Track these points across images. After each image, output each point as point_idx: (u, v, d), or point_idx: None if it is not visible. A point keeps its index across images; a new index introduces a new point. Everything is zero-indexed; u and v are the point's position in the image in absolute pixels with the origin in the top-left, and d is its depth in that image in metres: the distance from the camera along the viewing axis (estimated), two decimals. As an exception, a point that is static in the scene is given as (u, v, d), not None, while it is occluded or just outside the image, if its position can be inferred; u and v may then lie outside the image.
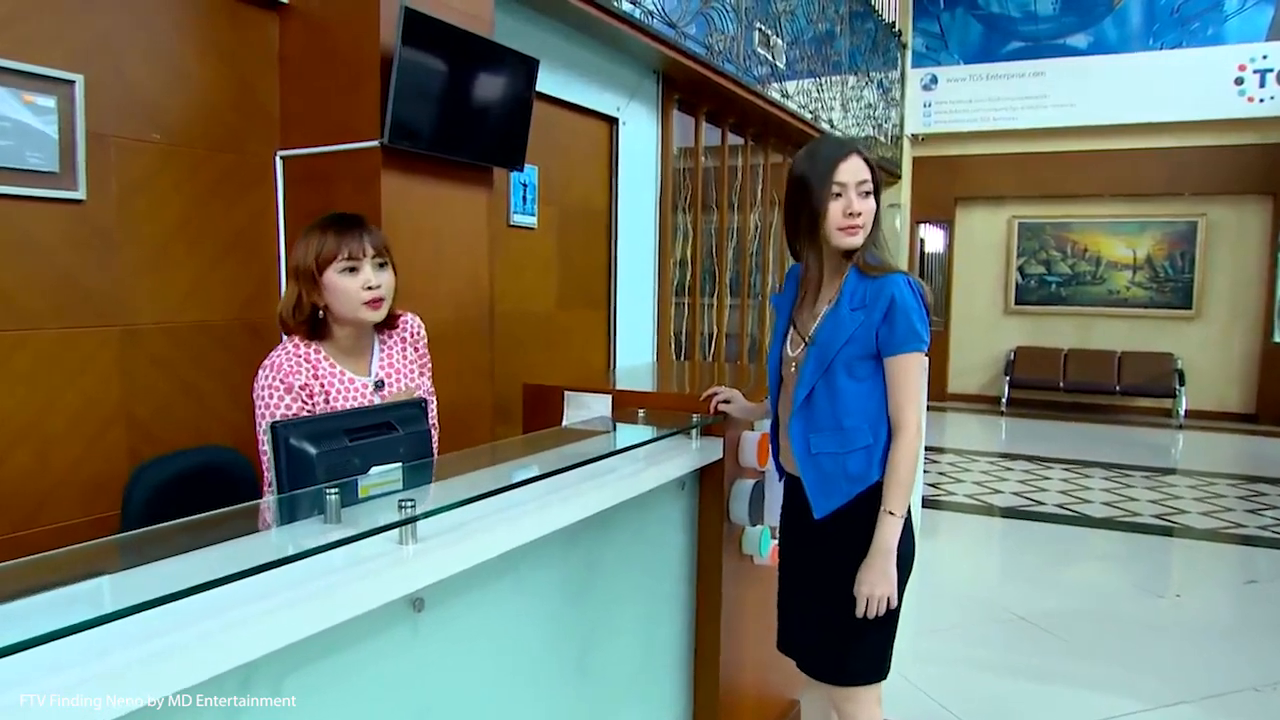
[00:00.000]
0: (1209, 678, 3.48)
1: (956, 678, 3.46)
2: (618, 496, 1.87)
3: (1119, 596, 4.60)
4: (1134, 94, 9.90)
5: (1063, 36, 10.42)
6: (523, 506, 1.56)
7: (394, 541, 1.29)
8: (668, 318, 5.74)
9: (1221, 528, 5.71)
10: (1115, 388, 10.40)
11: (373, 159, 2.91)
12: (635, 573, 2.13)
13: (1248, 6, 9.79)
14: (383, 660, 1.29)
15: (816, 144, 2.02)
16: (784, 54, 6.45)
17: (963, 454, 7.94)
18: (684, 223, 5.93)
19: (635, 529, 2.08)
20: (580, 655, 1.87)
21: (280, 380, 1.84)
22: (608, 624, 1.99)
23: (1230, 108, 9.66)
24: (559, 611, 1.77)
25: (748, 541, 2.47)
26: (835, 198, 1.89)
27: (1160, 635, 3.96)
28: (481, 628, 1.51)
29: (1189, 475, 7.40)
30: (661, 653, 2.28)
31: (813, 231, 1.91)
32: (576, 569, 1.83)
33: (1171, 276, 10.55)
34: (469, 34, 3.03)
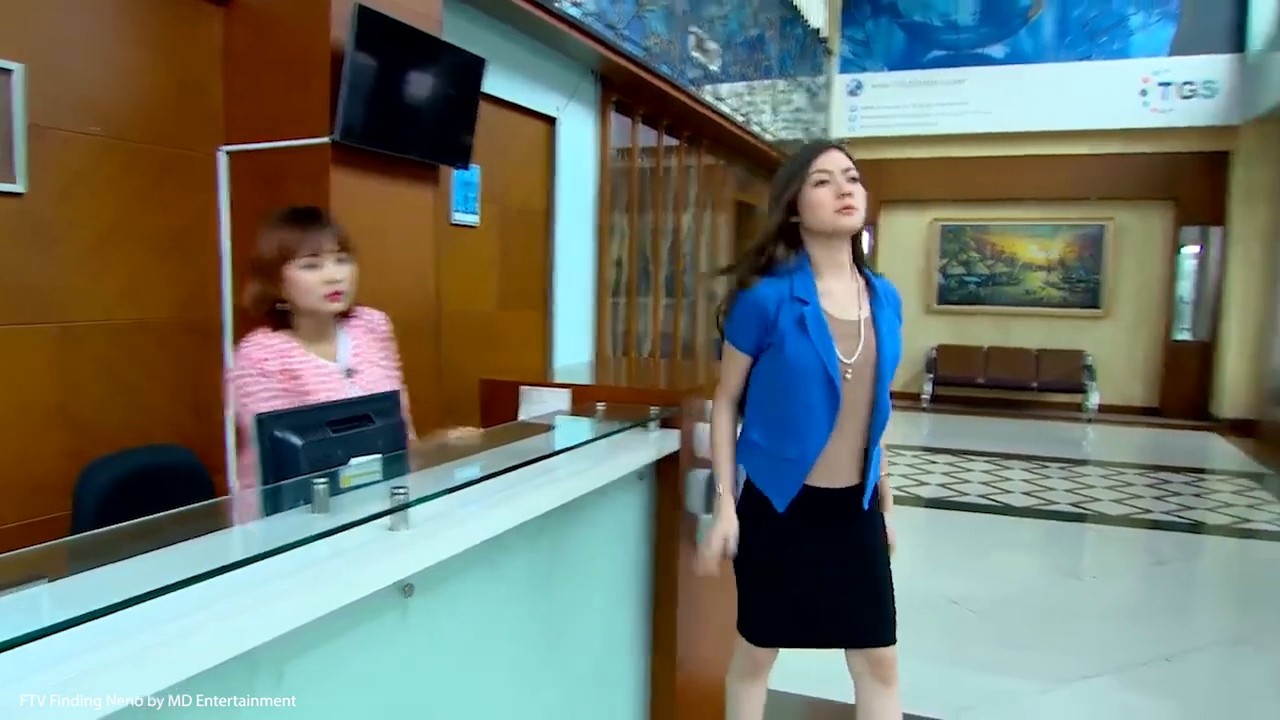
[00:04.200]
0: (1124, 651, 3.69)
1: (894, 661, 3.59)
2: (582, 488, 1.91)
3: (1040, 580, 4.83)
4: (1048, 103, 10.35)
5: (982, 46, 10.83)
6: (501, 495, 1.61)
7: (386, 528, 1.33)
8: (605, 317, 5.79)
9: (1131, 514, 6.03)
10: (1033, 384, 10.82)
11: (322, 155, 2.91)
12: (598, 561, 2.18)
13: (1151, 23, 10.31)
14: (375, 646, 1.32)
15: (799, 151, 2.09)
16: (718, 58, 6.56)
17: (889, 449, 8.11)
18: (621, 223, 5.99)
19: (597, 519, 2.13)
20: (548, 641, 1.91)
21: (255, 368, 1.85)
22: (573, 611, 2.04)
23: (1135, 118, 10.16)
24: (529, 599, 1.82)
25: (702, 531, 2.54)
26: (822, 185, 1.97)
27: (1078, 614, 4.17)
28: (462, 614, 1.55)
29: (1101, 465, 7.77)
30: (622, 638, 2.34)
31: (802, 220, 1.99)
32: (543, 558, 1.87)
33: (1082, 278, 11.03)
34: (420, 33, 3.05)
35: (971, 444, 8.47)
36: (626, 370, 4.08)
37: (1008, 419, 10.39)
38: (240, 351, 1.90)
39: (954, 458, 7.82)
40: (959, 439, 8.85)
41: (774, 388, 2.01)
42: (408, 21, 3.00)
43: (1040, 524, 5.83)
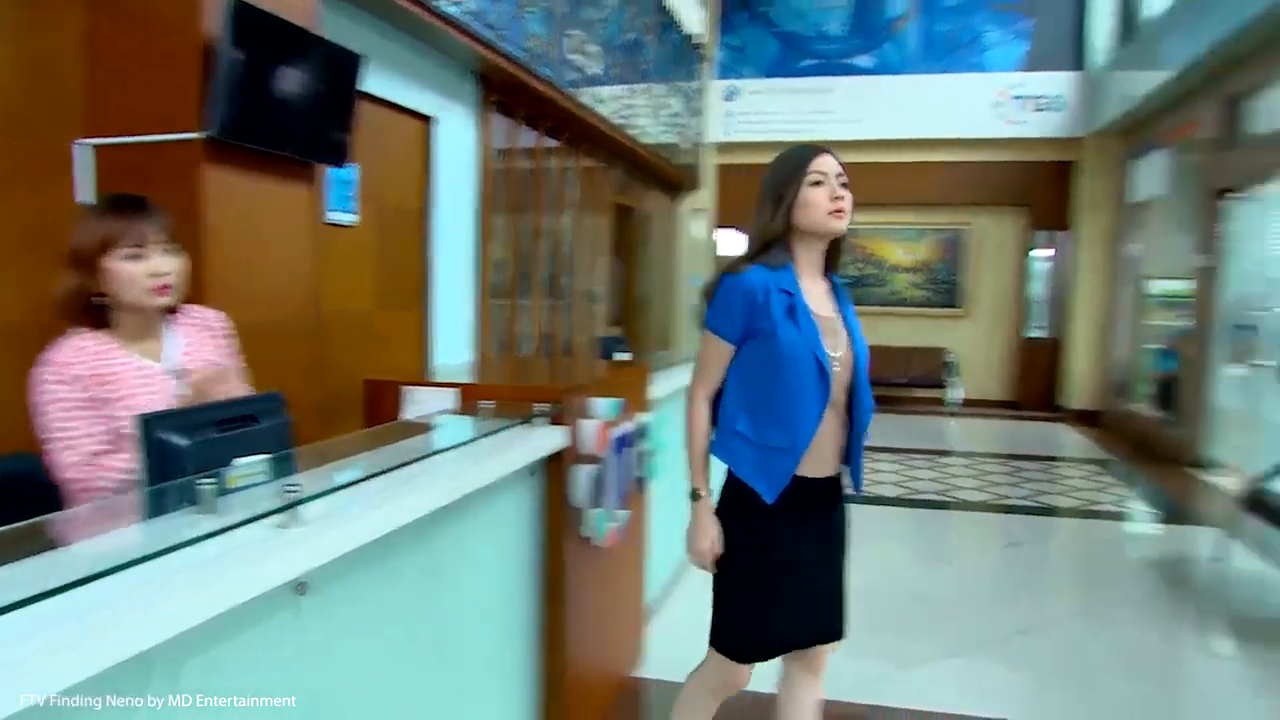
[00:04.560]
0: (982, 629, 3.93)
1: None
2: (470, 485, 1.93)
3: (906, 566, 5.09)
4: (912, 112, 10.87)
5: (850, 56, 11.29)
6: (390, 493, 1.61)
7: (277, 527, 1.32)
8: (487, 318, 5.77)
9: (990, 500, 6.41)
10: (900, 380, 11.31)
11: (193, 151, 2.82)
12: (489, 558, 2.20)
13: (1005, 40, 10.98)
14: (270, 646, 1.31)
15: (792, 149, 2.15)
16: (598, 61, 6.62)
17: (766, 445, 8.39)
18: (502, 224, 5.97)
19: (487, 516, 2.15)
20: (440, 638, 1.92)
21: (54, 372, 1.75)
22: (464, 607, 2.05)
23: (991, 128, 10.79)
24: (421, 596, 1.82)
25: (587, 524, 2.59)
26: (817, 185, 2.04)
27: (940, 598, 4.42)
28: (355, 614, 1.55)
29: (963, 456, 8.21)
30: (513, 632, 2.36)
31: (787, 220, 2.06)
32: (434, 556, 1.88)
33: (945, 279, 11.61)
34: (296, 27, 2.99)
35: (844, 439, 8.79)
36: (510, 370, 4.10)
37: (878, 414, 10.76)
38: (46, 355, 1.79)
39: (827, 452, 8.09)
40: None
41: (763, 376, 2.01)
42: (283, 15, 2.94)
43: (908, 512, 6.12)
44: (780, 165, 2.10)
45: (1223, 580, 4.82)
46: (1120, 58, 9.82)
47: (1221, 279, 7.66)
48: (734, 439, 2.05)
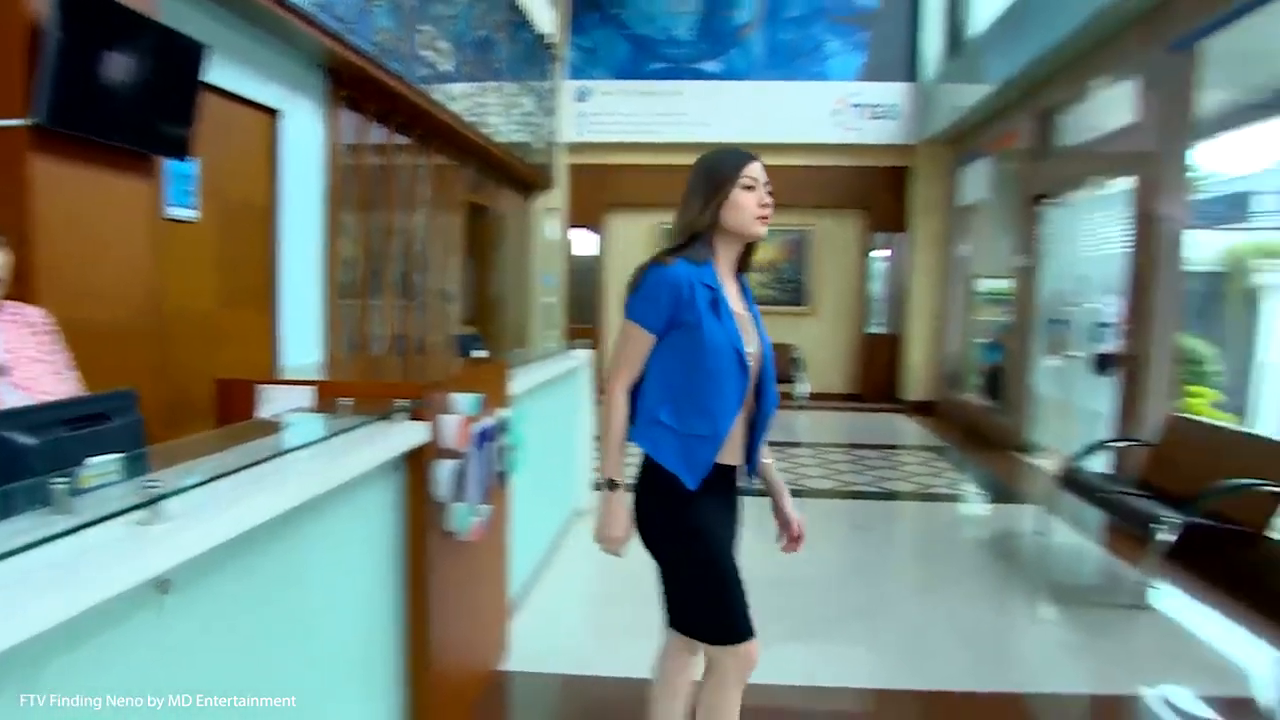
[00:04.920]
0: (830, 608, 4.15)
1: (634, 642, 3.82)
2: (331, 481, 1.91)
3: (759, 552, 5.27)
4: (757, 117, 11.25)
5: (699, 61, 11.59)
6: (250, 490, 1.59)
7: (139, 524, 1.28)
8: (336, 317, 5.62)
9: (836, 487, 6.73)
10: (749, 376, 11.66)
11: (17, 139, 2.65)
12: (353, 553, 2.18)
13: (845, 50, 11.54)
14: (132, 646, 1.28)
15: (726, 150, 2.22)
16: (451, 57, 6.56)
17: (623, 442, 8.50)
18: (351, 222, 5.84)
19: (349, 512, 2.12)
20: (304, 634, 1.90)
21: None
22: (329, 603, 2.03)
23: (832, 134, 11.30)
24: (285, 593, 1.80)
25: (450, 519, 2.59)
26: (749, 190, 2.12)
27: (791, 581, 4.61)
28: (218, 612, 1.51)
29: (810, 447, 8.57)
30: (378, 628, 2.34)
31: (713, 219, 2.12)
32: (297, 553, 1.86)
33: (791, 278, 12.06)
34: (133, 11, 2.85)
35: (698, 434, 9.01)
36: (365, 368, 4.03)
37: (729, 409, 11.13)
38: None
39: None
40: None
41: (686, 367, 2.07)
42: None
43: (760, 502, 6.33)
44: (714, 164, 2.16)
45: (1044, 552, 5.25)
46: (948, 71, 10.47)
47: (1038, 278, 8.30)
48: (656, 428, 2.10)
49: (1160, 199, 5.94)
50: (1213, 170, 20.10)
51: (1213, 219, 18.00)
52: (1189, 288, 7.41)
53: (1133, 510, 4.58)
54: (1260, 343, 12.39)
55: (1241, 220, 19.81)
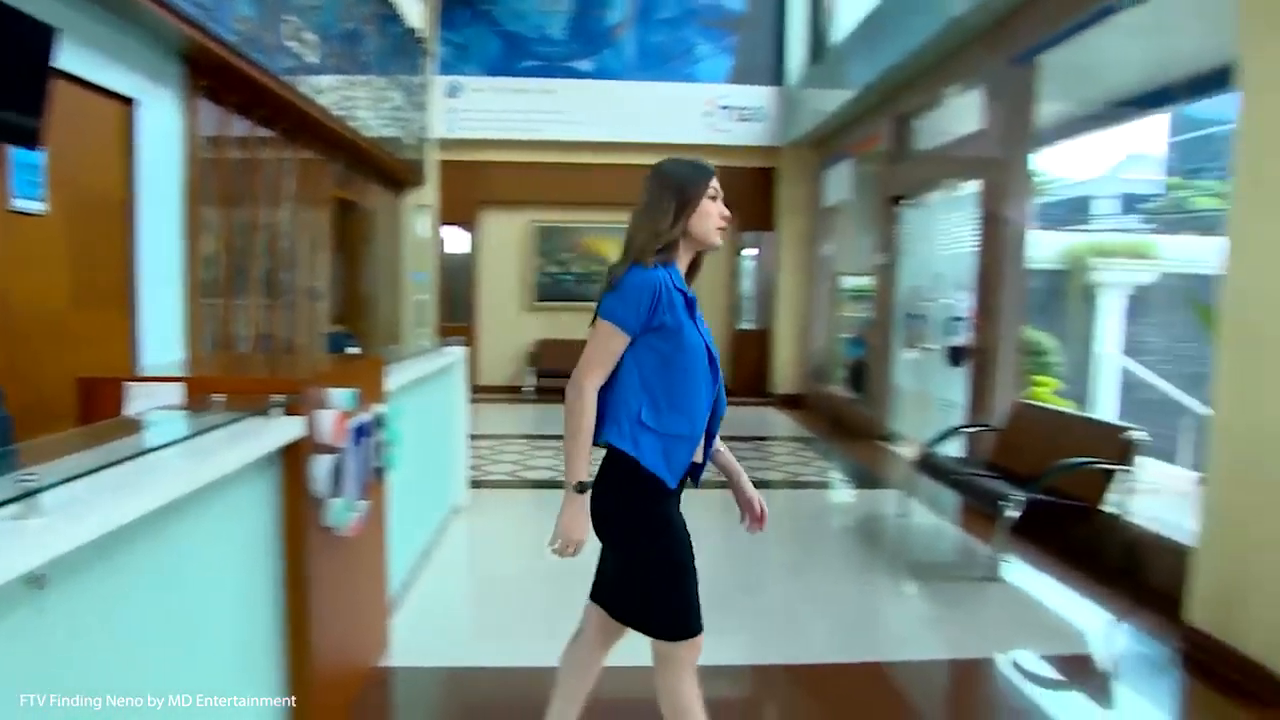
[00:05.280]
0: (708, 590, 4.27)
1: (518, 634, 3.85)
2: (208, 475, 1.89)
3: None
4: (630, 116, 11.37)
5: (572, 60, 11.64)
6: (123, 487, 1.55)
7: (14, 518, 1.25)
8: (199, 317, 5.41)
9: (709, 478, 6.85)
10: (623, 373, 11.80)
11: None
12: (231, 549, 2.14)
13: (714, 54, 11.82)
14: (7, 641, 1.24)
15: (687, 160, 2.29)
16: (317, 49, 6.40)
17: (497, 439, 8.48)
18: (214, 218, 5.62)
19: (226, 507, 2.09)
20: (183, 630, 1.86)
21: None
22: (208, 599, 1.99)
23: (702, 135, 11.52)
24: (162, 590, 1.76)
25: (328, 514, 2.57)
26: (713, 200, 2.21)
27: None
28: (96, 610, 1.48)
29: (684, 442, 8.73)
30: (257, 623, 2.31)
31: (683, 227, 2.16)
32: (174, 548, 1.82)
33: (663, 275, 12.24)
34: (-24, -9, 2.70)
35: (574, 430, 9.06)
36: (234, 365, 3.92)
37: (605, 406, 11.23)
38: None
39: (558, 443, 8.30)
40: (561, 426, 9.39)
41: (666, 368, 2.11)
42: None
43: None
44: (683, 175, 2.21)
45: (905, 532, 5.56)
46: (812, 76, 10.87)
47: (897, 275, 8.72)
48: (637, 428, 2.12)
49: (1004, 202, 6.36)
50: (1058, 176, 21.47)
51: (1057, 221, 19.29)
52: (1034, 285, 7.95)
53: (982, 490, 4.90)
54: (1097, 335, 13.36)
55: (1083, 222, 21.29)
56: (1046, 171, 18.89)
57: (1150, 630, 3.92)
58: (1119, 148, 25.48)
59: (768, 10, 11.83)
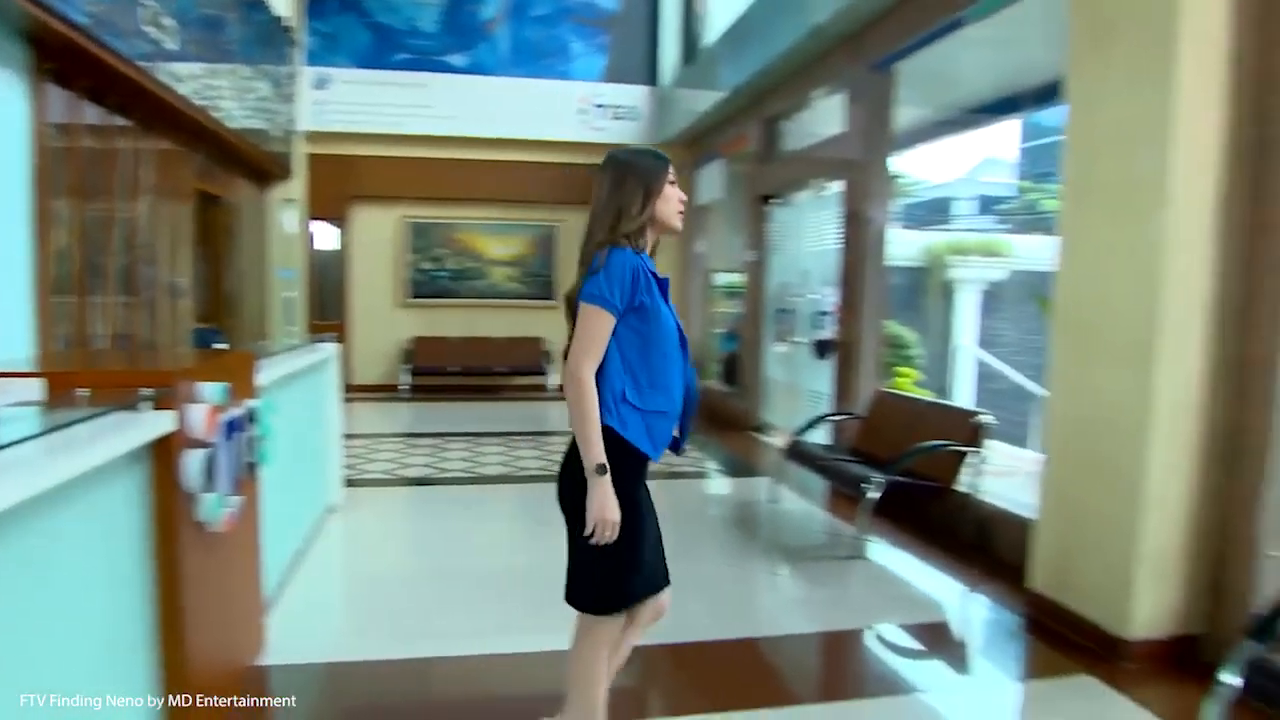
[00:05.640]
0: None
1: (396, 630, 3.84)
2: (72, 470, 1.84)
3: (519, 534, 5.43)
4: (505, 113, 11.34)
5: (444, 54, 11.50)
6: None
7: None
8: (49, 315, 5.13)
9: (589, 473, 6.99)
10: (501, 369, 11.79)
11: None
12: (100, 547, 2.09)
13: (588, 52, 11.90)
14: None
15: (644, 149, 2.40)
16: (176, 35, 6.15)
17: (371, 437, 8.35)
18: (64, 210, 5.34)
19: (92, 503, 2.04)
20: (50, 630, 1.82)
21: None
22: (77, 597, 1.94)
23: (577, 133, 11.60)
24: (28, 588, 1.72)
25: (201, 509, 2.52)
26: (673, 186, 2.33)
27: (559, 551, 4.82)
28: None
29: (562, 435, 8.74)
30: (130, 624, 2.25)
31: (651, 213, 2.27)
32: (38, 550, 1.78)
33: (538, 272, 12.28)
34: None
35: (450, 427, 9.02)
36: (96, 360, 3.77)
37: (480, 402, 11.21)
38: None
39: (435, 440, 8.26)
40: (438, 424, 9.35)
41: (646, 347, 2.23)
42: None
43: (515, 488, 6.50)
44: (644, 164, 2.31)
45: (776, 517, 5.79)
46: (684, 77, 11.08)
47: (766, 271, 9.01)
48: (622, 407, 2.22)
49: (866, 202, 6.67)
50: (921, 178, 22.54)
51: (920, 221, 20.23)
52: (896, 281, 8.37)
53: (846, 474, 5.16)
54: (955, 329, 14.11)
55: (944, 223, 22.41)
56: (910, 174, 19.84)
57: (998, 597, 4.23)
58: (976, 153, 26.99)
59: (641, 10, 12.00)
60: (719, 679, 3.40)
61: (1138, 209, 3.48)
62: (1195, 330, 3.40)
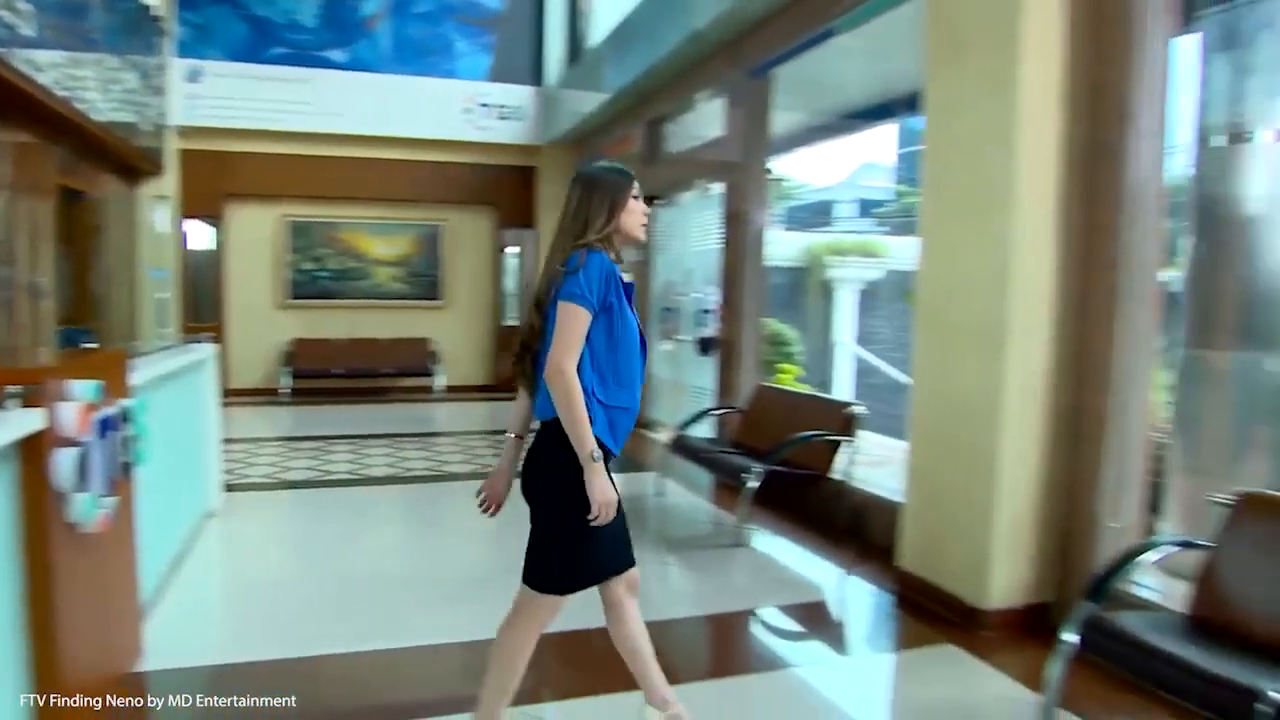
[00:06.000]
0: (476, 567, 4.43)
1: (278, 633, 3.80)
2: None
3: (403, 535, 5.42)
4: (388, 111, 11.14)
5: (325, 49, 11.25)
6: None
7: None
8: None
9: (476, 470, 7.03)
10: (386, 371, 11.63)
11: None
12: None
13: (473, 51, 11.84)
14: None
15: (610, 166, 2.52)
16: (33, 21, 5.87)
17: (252, 441, 8.12)
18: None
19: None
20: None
21: None
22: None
23: (462, 132, 11.52)
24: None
25: (73, 509, 2.47)
26: (637, 200, 2.47)
27: (441, 549, 4.84)
28: None
29: (449, 435, 8.78)
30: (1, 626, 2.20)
31: (616, 224, 2.41)
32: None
33: (424, 272, 12.16)
34: None
35: (334, 430, 8.84)
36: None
37: (365, 405, 11.01)
38: None
39: (318, 443, 8.09)
40: (321, 427, 9.14)
41: (613, 346, 2.36)
42: None
43: (401, 488, 6.46)
44: (611, 179, 2.46)
45: (662, 510, 5.94)
46: (569, 78, 11.16)
47: (652, 271, 9.17)
48: (590, 401, 2.31)
49: (745, 203, 6.89)
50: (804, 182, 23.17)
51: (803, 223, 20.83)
52: (778, 281, 8.65)
53: (727, 465, 5.35)
54: (835, 326, 14.61)
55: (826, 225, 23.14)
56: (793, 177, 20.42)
57: (871, 577, 4.47)
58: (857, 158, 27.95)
59: (525, 10, 12.00)
60: (609, 663, 3.50)
61: (988, 210, 3.75)
62: (1040, 322, 3.69)
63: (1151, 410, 3.78)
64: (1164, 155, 3.60)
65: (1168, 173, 3.64)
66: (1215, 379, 3.78)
